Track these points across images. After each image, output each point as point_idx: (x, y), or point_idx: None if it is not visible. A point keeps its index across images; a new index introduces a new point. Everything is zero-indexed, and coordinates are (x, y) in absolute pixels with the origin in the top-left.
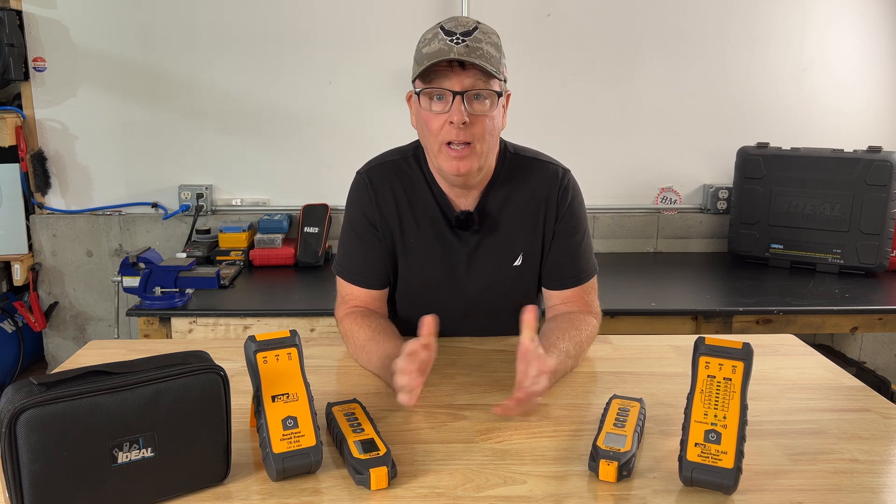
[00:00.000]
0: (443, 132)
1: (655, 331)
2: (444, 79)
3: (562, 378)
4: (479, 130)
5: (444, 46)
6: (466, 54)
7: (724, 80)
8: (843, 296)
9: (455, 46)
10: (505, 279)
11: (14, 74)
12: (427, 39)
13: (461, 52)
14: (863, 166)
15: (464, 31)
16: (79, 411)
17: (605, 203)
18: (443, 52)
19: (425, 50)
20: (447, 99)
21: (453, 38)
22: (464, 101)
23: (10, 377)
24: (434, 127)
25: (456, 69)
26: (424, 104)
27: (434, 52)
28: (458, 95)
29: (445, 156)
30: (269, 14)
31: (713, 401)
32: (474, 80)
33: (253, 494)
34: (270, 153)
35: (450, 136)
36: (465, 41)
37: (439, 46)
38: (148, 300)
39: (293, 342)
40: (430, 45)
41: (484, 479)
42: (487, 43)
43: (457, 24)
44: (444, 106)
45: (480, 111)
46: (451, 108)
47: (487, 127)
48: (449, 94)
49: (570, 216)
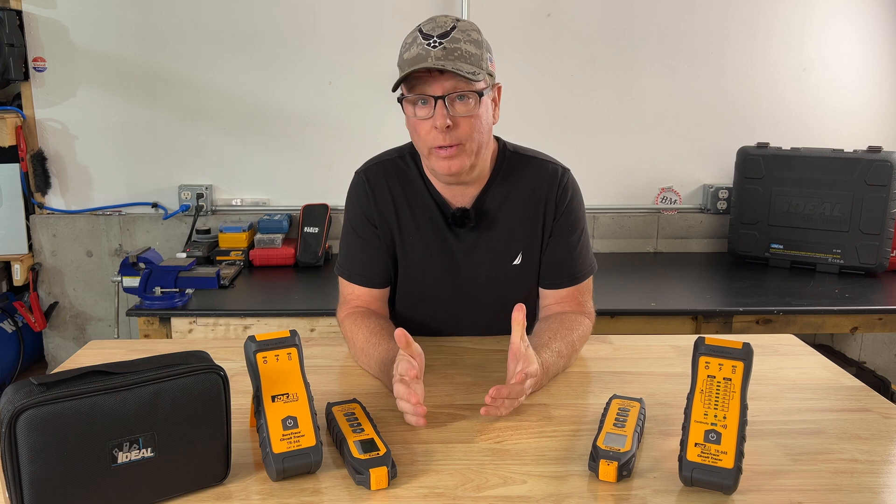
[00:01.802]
0: (430, 137)
1: (655, 331)
2: (425, 84)
3: (554, 378)
4: (465, 131)
5: (421, 52)
6: (444, 57)
7: (724, 81)
8: (843, 296)
9: (432, 51)
10: (504, 277)
11: (14, 74)
12: (407, 44)
13: (438, 55)
14: (863, 166)
15: (441, 33)
16: (79, 411)
17: (604, 203)
18: (420, 59)
19: (406, 56)
20: (430, 104)
21: (430, 41)
22: (446, 105)
23: (10, 377)
24: (421, 132)
25: (435, 73)
26: (409, 111)
27: (413, 57)
28: (439, 100)
29: (436, 157)
30: (270, 14)
31: (713, 401)
32: (455, 83)
33: (253, 494)
34: (270, 153)
35: (437, 140)
36: (443, 43)
37: (417, 52)
38: (148, 300)
39: (293, 342)
40: (409, 49)
41: (484, 479)
42: (466, 41)
43: (434, 27)
44: (427, 111)
45: (465, 112)
46: (434, 113)
47: (475, 125)
48: (431, 99)
49: (568, 214)
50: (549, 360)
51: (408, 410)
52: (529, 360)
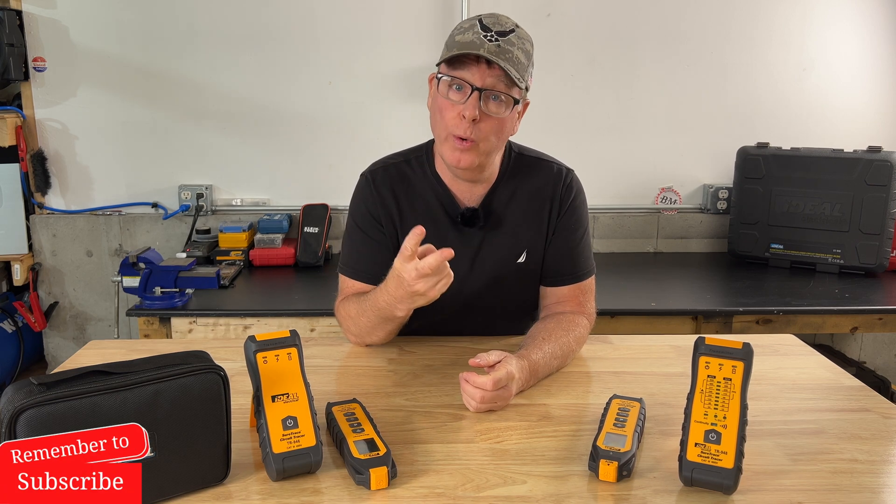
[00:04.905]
0: (453, 123)
1: (655, 331)
2: (468, 71)
3: (545, 378)
4: (486, 130)
5: (476, 40)
6: (497, 53)
7: (724, 81)
8: (843, 296)
9: (487, 43)
10: (508, 276)
11: (14, 74)
12: (463, 28)
13: (492, 49)
14: (863, 166)
15: (500, 31)
16: (79, 411)
17: (605, 203)
18: (474, 45)
19: (458, 38)
20: (465, 91)
21: (489, 34)
22: (480, 98)
23: (10, 377)
24: (447, 115)
25: (482, 65)
26: (443, 90)
27: (466, 42)
28: (476, 91)
29: (450, 145)
30: (270, 14)
31: (713, 401)
32: (496, 81)
33: (253, 494)
34: (270, 153)
35: (458, 129)
36: (500, 41)
37: (472, 38)
38: (148, 300)
39: (293, 342)
40: (464, 34)
41: (484, 479)
42: (520, 48)
43: (495, 22)
44: (461, 97)
45: (494, 112)
46: (466, 102)
47: (496, 128)
48: (468, 87)
49: (572, 212)
50: (540, 361)
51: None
52: (498, 369)
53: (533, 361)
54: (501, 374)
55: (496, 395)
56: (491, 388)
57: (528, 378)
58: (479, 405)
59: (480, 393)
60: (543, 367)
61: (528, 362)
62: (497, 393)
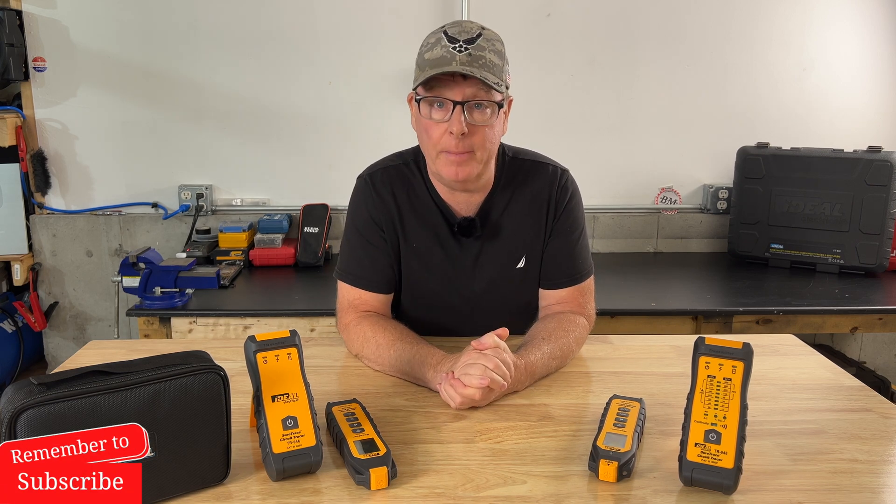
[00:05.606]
0: (442, 141)
1: (655, 331)
2: (446, 88)
3: (542, 379)
4: (478, 139)
5: (446, 54)
6: (469, 63)
7: (724, 81)
8: (843, 296)
9: (458, 55)
10: (508, 281)
11: (14, 74)
12: (430, 44)
13: (463, 60)
14: (863, 166)
15: (467, 39)
16: (79, 411)
17: (604, 203)
18: (445, 61)
19: (427, 56)
20: (447, 107)
21: (456, 45)
22: (464, 111)
23: (10, 377)
24: (434, 135)
25: (457, 78)
26: (424, 111)
27: (436, 58)
28: (458, 105)
29: (444, 161)
30: (270, 14)
31: (713, 401)
32: (475, 90)
33: (253, 494)
34: (270, 153)
35: (449, 145)
36: (469, 49)
37: (441, 54)
38: (148, 300)
39: (293, 342)
40: (432, 50)
41: (484, 479)
42: (490, 51)
43: (461, 31)
44: (444, 114)
45: (481, 121)
46: (451, 118)
47: (487, 136)
48: (449, 103)
49: (568, 214)
50: (537, 362)
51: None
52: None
53: (530, 362)
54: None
55: (496, 364)
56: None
57: (524, 377)
58: (481, 380)
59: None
60: (541, 368)
61: (524, 362)
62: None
